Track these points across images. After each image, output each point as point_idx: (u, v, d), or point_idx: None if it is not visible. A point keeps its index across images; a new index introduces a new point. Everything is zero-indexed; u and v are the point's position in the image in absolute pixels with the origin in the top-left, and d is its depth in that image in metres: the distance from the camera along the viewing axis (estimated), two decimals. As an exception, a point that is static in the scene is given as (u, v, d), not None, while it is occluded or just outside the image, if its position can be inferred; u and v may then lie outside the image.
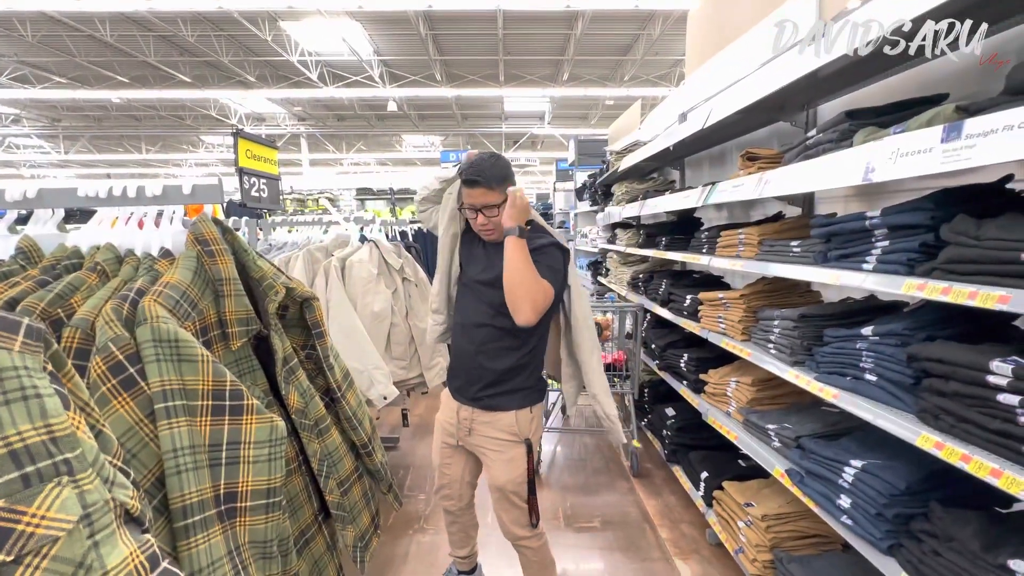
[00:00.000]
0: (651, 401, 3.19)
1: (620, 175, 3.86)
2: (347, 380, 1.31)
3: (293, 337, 1.22)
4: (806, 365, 1.57)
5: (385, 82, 10.70)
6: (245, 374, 1.02)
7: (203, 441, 0.80)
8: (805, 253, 1.58)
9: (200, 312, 0.92)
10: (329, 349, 1.25)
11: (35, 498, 0.46)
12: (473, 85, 11.14)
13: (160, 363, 0.77)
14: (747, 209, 2.75)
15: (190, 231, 0.96)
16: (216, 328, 0.96)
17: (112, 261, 0.95)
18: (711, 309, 2.22)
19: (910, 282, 1.12)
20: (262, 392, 1.06)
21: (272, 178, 2.48)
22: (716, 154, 3.09)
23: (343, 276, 2.35)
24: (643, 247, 3.24)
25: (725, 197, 1.98)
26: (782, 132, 2.31)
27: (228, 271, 0.96)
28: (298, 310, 1.20)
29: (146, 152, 16.06)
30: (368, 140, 17.21)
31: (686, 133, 2.38)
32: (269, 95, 11.19)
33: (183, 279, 0.89)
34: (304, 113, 14.00)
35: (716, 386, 2.21)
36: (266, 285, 1.06)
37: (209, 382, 0.82)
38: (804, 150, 1.56)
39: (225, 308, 0.96)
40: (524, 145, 17.21)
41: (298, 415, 1.10)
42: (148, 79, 10.61)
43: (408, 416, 2.92)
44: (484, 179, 1.45)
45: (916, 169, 1.03)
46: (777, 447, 1.71)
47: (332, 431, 1.20)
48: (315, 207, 8.14)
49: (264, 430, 0.86)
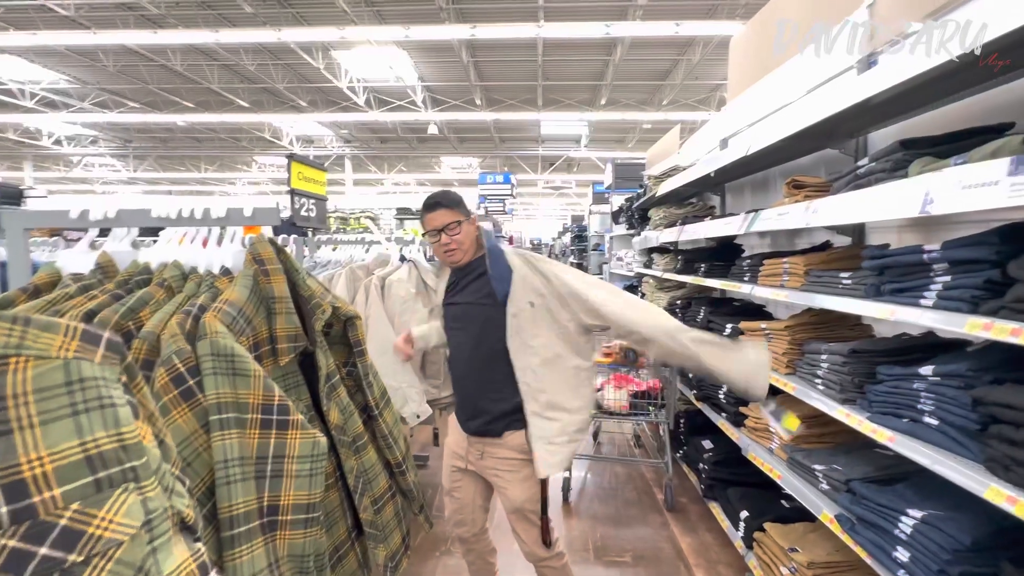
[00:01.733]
0: (687, 432, 3.09)
1: (658, 200, 3.83)
2: (384, 398, 1.33)
3: (336, 354, 1.25)
4: (857, 404, 1.49)
5: (427, 106, 11.10)
6: (291, 389, 1.06)
7: (251, 453, 0.83)
8: (856, 285, 1.52)
9: (254, 328, 0.96)
10: (369, 367, 1.27)
11: (105, 502, 0.49)
12: (511, 109, 11.40)
13: (217, 376, 0.81)
14: (791, 238, 2.66)
15: (248, 251, 1.02)
16: (267, 344, 1.00)
17: (178, 278, 1.02)
18: (753, 340, 2.15)
19: (974, 321, 1.06)
20: (305, 407, 1.09)
21: (320, 199, 2.60)
22: (759, 180, 3.03)
23: (382, 294, 2.41)
24: (681, 273, 3.18)
25: (770, 225, 1.93)
26: (829, 160, 2.25)
27: (281, 290, 1.01)
28: (342, 328, 1.24)
29: (204, 171, 17.14)
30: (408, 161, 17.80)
31: (728, 160, 2.35)
32: (319, 119, 11.80)
33: (240, 296, 0.94)
34: (350, 135, 14.66)
35: (758, 420, 2.12)
36: (314, 304, 1.11)
37: (259, 396, 0.85)
38: (855, 179, 1.51)
39: (276, 325, 1.00)
40: (560, 168, 17.37)
41: (337, 431, 1.13)
42: (211, 104, 11.40)
43: (439, 435, 2.93)
44: (444, 201, 1.54)
45: (980, 203, 0.98)
46: (825, 489, 1.62)
47: (369, 448, 1.22)
48: (357, 225, 8.44)
49: (307, 445, 0.88)
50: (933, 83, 1.29)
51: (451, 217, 1.53)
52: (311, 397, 1.14)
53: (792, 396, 1.84)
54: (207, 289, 0.99)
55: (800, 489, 1.70)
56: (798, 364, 1.84)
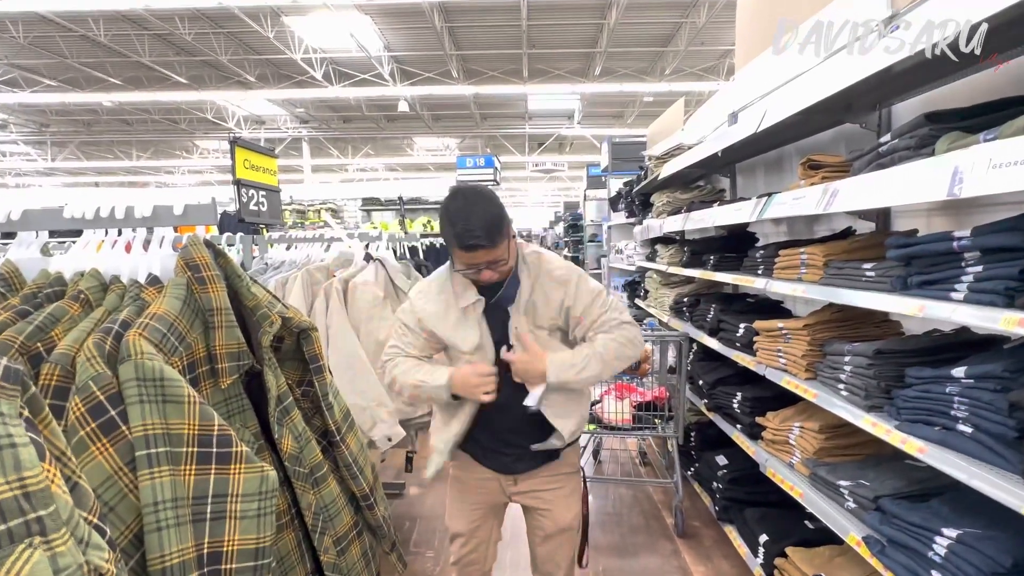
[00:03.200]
0: (699, 447, 3.11)
1: (661, 183, 3.86)
2: (347, 421, 1.32)
3: (288, 372, 1.24)
4: (884, 411, 1.52)
5: (396, 80, 11.04)
6: (235, 415, 1.05)
7: (187, 493, 0.82)
8: (881, 278, 1.54)
9: (188, 346, 0.95)
10: (328, 386, 1.26)
11: (4, 561, 0.48)
12: (493, 82, 11.39)
13: (144, 405, 0.80)
14: (810, 224, 2.70)
15: (180, 256, 1.00)
16: (204, 364, 0.99)
17: (96, 289, 0.99)
18: (769, 341, 2.17)
19: (1010, 316, 1.08)
20: (252, 436, 1.07)
21: (272, 190, 2.57)
22: (772, 160, 3.06)
23: (345, 299, 2.39)
24: (688, 266, 3.21)
25: (785, 211, 1.95)
26: (850, 135, 2.28)
27: (219, 300, 0.99)
28: (295, 342, 1.23)
29: (137, 159, 16.85)
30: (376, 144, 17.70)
31: (737, 136, 2.37)
32: (270, 96, 11.67)
33: (171, 309, 0.92)
34: (307, 115, 14.52)
35: (776, 432, 2.15)
36: (260, 315, 1.09)
37: (195, 425, 0.84)
38: (877, 158, 1.53)
39: (215, 341, 0.99)
40: (550, 148, 17.42)
41: (292, 462, 1.12)
42: (142, 80, 11.21)
43: (414, 460, 2.92)
44: (484, 241, 1.41)
45: (1013, 183, 1.00)
46: (851, 508, 1.64)
47: (329, 480, 1.21)
48: (316, 219, 8.36)
49: (253, 481, 0.87)
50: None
51: (495, 255, 1.45)
52: (260, 424, 1.12)
53: (813, 404, 1.86)
54: (131, 302, 0.97)
55: (824, 508, 1.72)
56: (819, 367, 1.86)
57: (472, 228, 1.41)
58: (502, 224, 1.45)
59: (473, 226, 1.41)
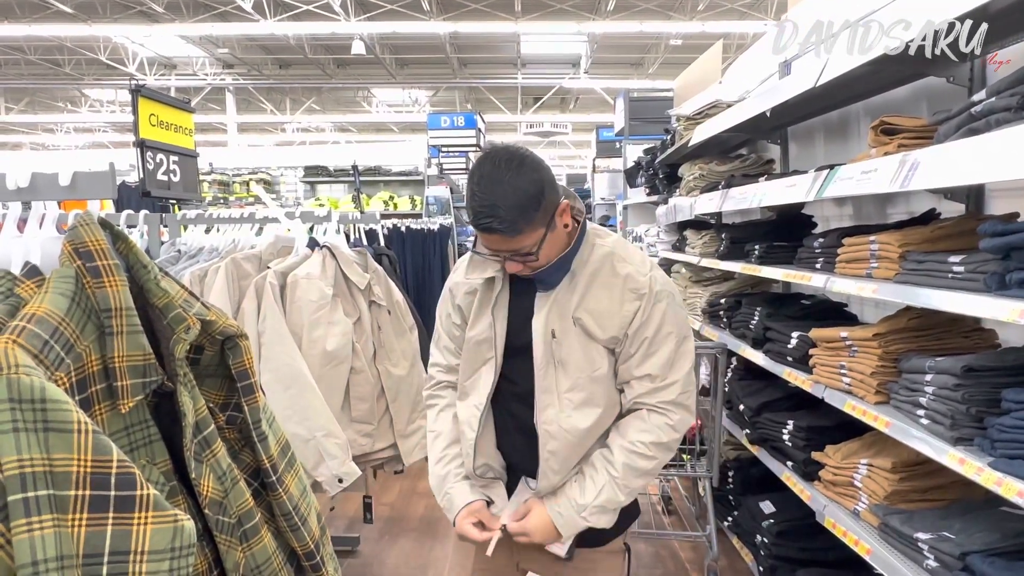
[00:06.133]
0: (738, 490, 3.14)
1: (692, 151, 3.88)
2: (286, 456, 1.32)
3: (209, 393, 1.23)
4: (975, 443, 1.54)
5: (349, 13, 10.99)
6: (138, 447, 1.04)
7: (75, 550, 0.81)
8: (972, 274, 1.56)
9: (77, 357, 0.93)
10: (262, 411, 1.25)
11: None
12: (477, 17, 11.39)
13: (19, 434, 0.78)
14: (882, 205, 2.73)
15: (67, 240, 0.98)
16: (99, 380, 0.97)
17: (-46, 282, 0.98)
18: (829, 354, 2.19)
19: None
20: (162, 475, 1.07)
21: (187, 154, 2.55)
22: (835, 123, 3.09)
23: (283, 298, 2.38)
24: (726, 258, 3.23)
25: (850, 188, 1.97)
26: (934, 92, 2.31)
27: (119, 298, 0.98)
28: (217, 353, 1.22)
29: (7, 112, 16.63)
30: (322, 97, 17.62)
31: (791, 92, 2.39)
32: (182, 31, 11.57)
33: (55, 309, 0.91)
34: (232, 58, 14.41)
35: (838, 471, 2.18)
36: (173, 317, 1.08)
37: (87, 462, 0.82)
38: (968, 121, 1.55)
39: (113, 351, 0.97)
40: (549, 104, 17.47)
41: (214, 509, 1.11)
42: (14, 10, 11.05)
43: (372, 507, 2.92)
44: (504, 224, 1.39)
45: None
46: (932, 567, 1.67)
47: (263, 533, 1.20)
48: (244, 194, 8.30)
49: (164, 533, 0.86)
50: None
51: (513, 245, 1.44)
52: (173, 459, 1.11)
53: (884, 435, 1.89)
54: (2, 299, 0.96)
55: (897, 568, 1.75)
56: (893, 388, 1.88)
57: (490, 205, 1.39)
58: (536, 207, 1.41)
59: (492, 202, 1.39)
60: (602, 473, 1.55)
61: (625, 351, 1.57)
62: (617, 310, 1.54)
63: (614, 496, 1.54)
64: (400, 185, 8.05)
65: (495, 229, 1.40)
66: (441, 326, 1.73)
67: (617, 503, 1.56)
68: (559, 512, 1.53)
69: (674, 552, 3.40)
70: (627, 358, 1.57)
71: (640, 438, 1.55)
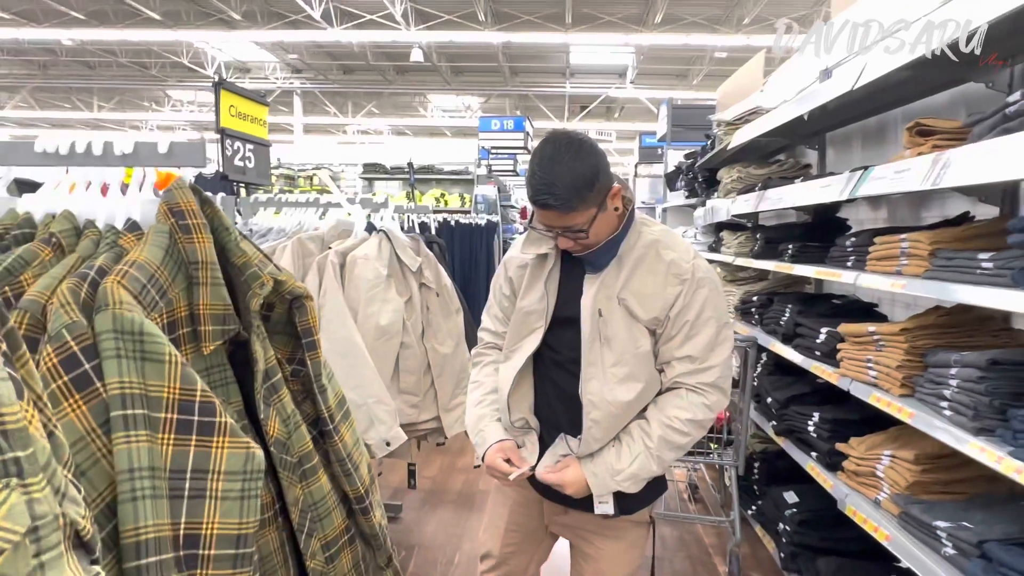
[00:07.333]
0: (763, 480, 3.11)
1: (730, 155, 3.84)
2: (343, 410, 1.38)
3: (278, 346, 1.30)
4: (998, 434, 1.51)
5: (409, 23, 11.15)
6: (216, 387, 1.11)
7: (164, 465, 0.88)
8: (1001, 270, 1.53)
9: (169, 302, 1.01)
10: (323, 366, 1.32)
11: (-22, 501, 0.53)
12: (528, 28, 11.41)
13: (121, 360, 0.86)
14: (917, 208, 2.67)
15: (163, 200, 1.06)
16: (186, 324, 1.05)
17: (69, 233, 1.07)
18: (856, 348, 2.16)
19: None
20: (235, 413, 1.14)
21: (261, 143, 2.65)
22: (873, 128, 3.03)
23: (342, 276, 2.46)
24: (760, 257, 3.20)
25: (883, 187, 1.95)
26: (972, 97, 2.25)
27: (206, 252, 1.05)
28: (286, 311, 1.29)
29: (98, 110, 17.38)
30: (382, 101, 17.89)
31: (829, 95, 2.36)
32: (257, 38, 11.92)
33: (152, 258, 0.98)
34: (300, 63, 14.78)
35: (861, 462, 2.15)
36: (250, 275, 1.15)
37: (176, 389, 0.90)
38: (1002, 121, 1.52)
39: (199, 300, 1.05)
40: (596, 112, 17.36)
41: (278, 448, 1.17)
42: (108, 15, 11.55)
43: (416, 474, 2.99)
44: (559, 201, 1.46)
45: None
46: (950, 555, 1.64)
47: (320, 474, 1.27)
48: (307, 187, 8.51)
49: (239, 457, 0.93)
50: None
51: (566, 222, 1.50)
52: (243, 401, 1.19)
53: (908, 428, 1.85)
54: (108, 248, 1.04)
55: (914, 554, 1.72)
56: (918, 382, 1.85)
57: (548, 183, 1.46)
58: (589, 188, 1.47)
59: (550, 180, 1.46)
60: (639, 443, 1.58)
61: (667, 333, 1.60)
62: (660, 293, 1.58)
63: (647, 465, 1.57)
64: (451, 183, 8.15)
65: (551, 205, 1.47)
66: (493, 296, 1.81)
67: (649, 472, 1.59)
68: (594, 472, 1.58)
69: (698, 537, 3.38)
70: (668, 339, 1.60)
71: (677, 414, 1.58)
